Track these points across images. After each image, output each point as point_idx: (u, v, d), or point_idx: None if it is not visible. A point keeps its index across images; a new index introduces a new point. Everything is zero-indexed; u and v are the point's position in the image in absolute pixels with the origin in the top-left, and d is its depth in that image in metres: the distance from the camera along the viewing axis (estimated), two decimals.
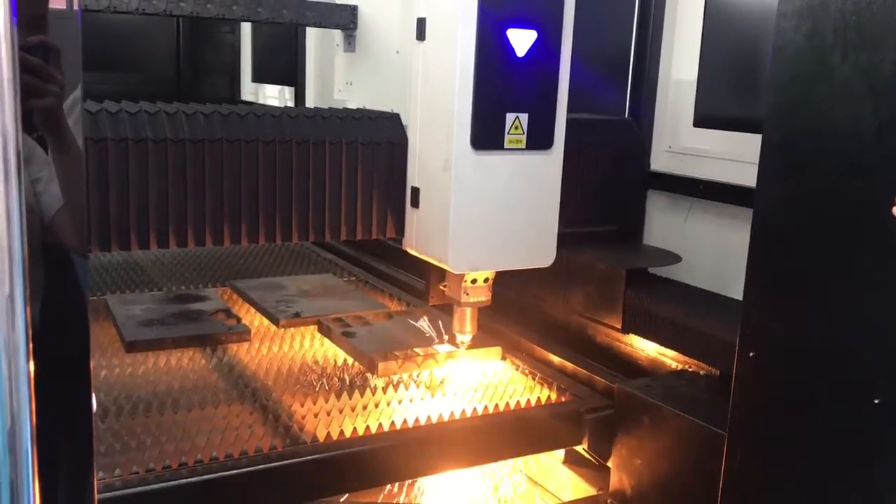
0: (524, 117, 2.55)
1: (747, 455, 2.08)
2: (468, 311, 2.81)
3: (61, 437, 1.10)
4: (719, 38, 3.28)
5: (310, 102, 6.75)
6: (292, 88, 7.09)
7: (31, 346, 0.90)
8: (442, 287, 2.81)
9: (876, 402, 1.75)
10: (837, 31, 1.80)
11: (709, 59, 3.32)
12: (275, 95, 7.65)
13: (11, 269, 0.82)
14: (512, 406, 2.69)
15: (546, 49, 2.55)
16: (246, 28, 7.69)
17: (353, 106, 2.96)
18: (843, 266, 1.83)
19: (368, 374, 2.84)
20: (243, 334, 3.11)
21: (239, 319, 3.26)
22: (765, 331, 2.02)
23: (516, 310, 3.39)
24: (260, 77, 7.91)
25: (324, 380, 2.79)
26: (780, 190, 1.97)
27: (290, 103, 7.12)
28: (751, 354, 2.04)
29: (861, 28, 1.75)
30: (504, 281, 2.82)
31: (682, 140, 3.49)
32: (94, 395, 1.15)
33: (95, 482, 1.26)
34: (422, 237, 2.67)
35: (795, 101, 1.91)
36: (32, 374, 0.93)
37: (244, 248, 4.54)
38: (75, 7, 1.04)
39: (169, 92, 7.53)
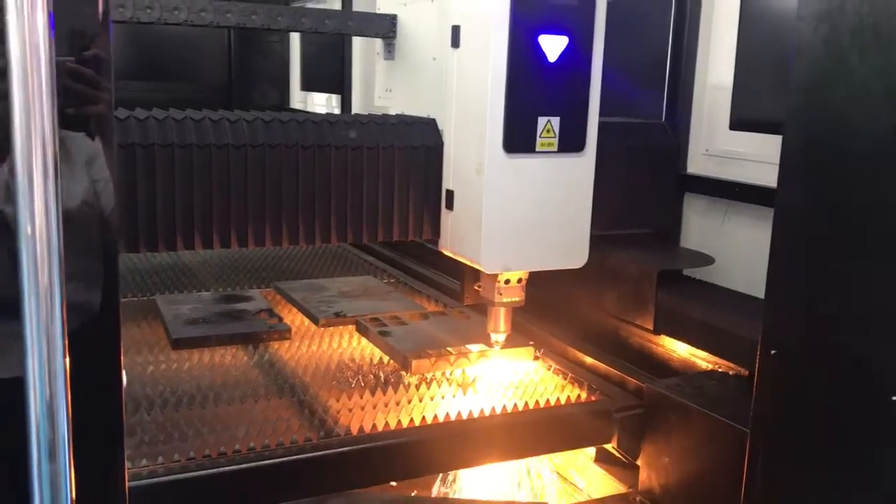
0: (556, 121, 2.61)
1: (769, 452, 2.10)
2: (502, 311, 2.88)
3: (93, 429, 1.19)
4: (754, 42, 3.29)
5: (355, 109, 6.89)
6: (339, 96, 7.26)
7: (66, 340, 0.98)
8: (476, 287, 2.88)
9: (894, 398, 1.77)
10: (855, 33, 1.83)
11: (744, 62, 3.34)
12: (322, 103, 7.83)
13: (50, 263, 0.91)
14: (542, 404, 2.74)
15: (577, 54, 2.60)
16: (294, 38, 7.87)
17: (392, 112, 3.06)
18: (862, 266, 1.85)
19: (403, 372, 2.92)
20: (284, 333, 3.22)
21: (281, 319, 3.37)
22: (786, 329, 2.05)
23: (550, 310, 3.43)
24: (308, 85, 8.10)
25: (359, 377, 2.88)
26: (800, 190, 1.99)
27: (337, 110, 7.28)
28: (773, 352, 2.06)
29: (877, 30, 1.78)
30: (537, 282, 2.88)
31: (718, 143, 3.50)
32: (123, 375, 1.25)
33: (126, 472, 1.35)
34: (456, 238, 2.75)
35: (814, 103, 1.94)
36: (69, 367, 1.01)
37: (288, 251, 4.67)
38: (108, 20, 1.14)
39: (221, 100, 7.74)
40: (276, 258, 4.56)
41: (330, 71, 7.29)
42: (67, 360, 0.96)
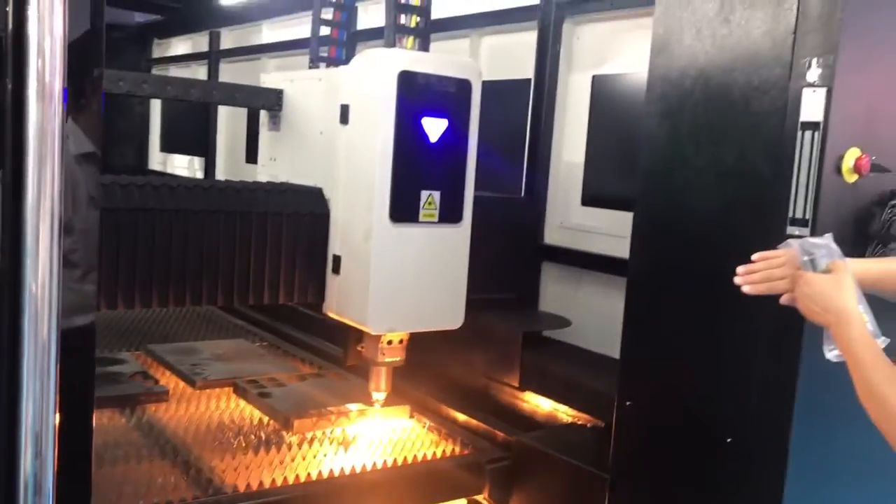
0: (437, 194, 2.86)
1: (628, 494, 2.37)
2: (384, 370, 3.04)
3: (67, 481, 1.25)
4: (603, 127, 3.70)
5: (220, 172, 6.93)
6: (202, 159, 7.26)
7: (58, 396, 1.06)
8: (359, 348, 3.03)
9: (728, 441, 2.08)
10: (691, 129, 2.19)
11: (594, 145, 3.73)
12: (184, 165, 7.79)
13: (49, 320, 1.00)
14: (419, 459, 2.91)
15: (456, 135, 2.88)
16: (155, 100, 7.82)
17: (277, 180, 3.20)
18: (703, 324, 2.17)
19: (283, 432, 3.01)
20: (161, 395, 3.23)
21: (157, 381, 3.38)
22: (638, 383, 2.35)
23: (424, 371, 3.62)
24: (169, 147, 8.04)
25: (241, 437, 2.94)
26: (648, 260, 2.32)
27: (200, 174, 7.28)
28: (627, 403, 2.35)
29: (710, 127, 2.15)
30: (412, 344, 3.06)
31: (572, 217, 3.87)
32: None
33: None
34: (342, 301, 2.90)
35: (659, 186, 2.28)
36: (58, 423, 1.09)
37: (156, 314, 4.62)
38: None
39: None
40: (145, 320, 4.51)
41: (193, 134, 7.30)
42: (58, 416, 1.05)
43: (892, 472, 2.10)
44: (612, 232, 3.55)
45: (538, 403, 3.26)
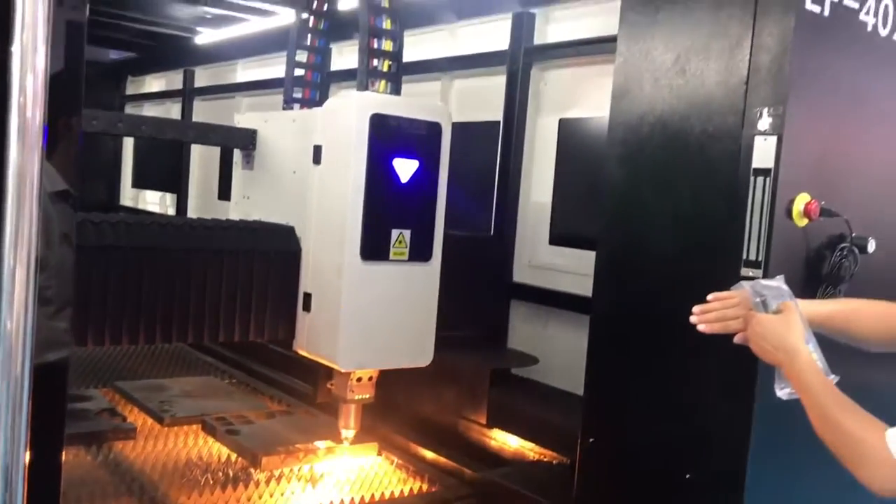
0: (407, 233, 2.92)
1: None
2: (353, 407, 3.07)
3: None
4: (569, 169, 3.80)
5: (192, 209, 6.95)
6: (174, 195, 7.28)
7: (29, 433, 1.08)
8: (329, 385, 3.06)
9: (687, 476, 2.13)
10: (650, 174, 2.28)
11: (561, 186, 3.83)
12: (155, 201, 7.79)
13: (23, 356, 1.03)
14: (387, 496, 2.92)
15: (426, 176, 2.95)
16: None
17: (250, 217, 3.25)
18: (661, 362, 2.24)
19: (251, 469, 3.01)
20: (129, 432, 3.22)
21: (124, 418, 3.37)
22: (601, 419, 2.40)
23: (393, 408, 3.65)
24: (141, 183, 8.05)
25: (208, 474, 2.94)
26: (610, 300, 2.39)
27: (172, 210, 7.29)
28: (591, 440, 2.40)
29: (667, 172, 2.23)
30: (381, 381, 3.10)
31: (540, 256, 3.95)
32: None
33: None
34: (312, 338, 2.94)
35: (620, 228, 2.36)
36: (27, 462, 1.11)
37: (124, 351, 4.60)
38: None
39: None
40: (113, 357, 4.49)
41: (165, 170, 7.32)
42: (28, 454, 1.07)
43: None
44: (578, 271, 3.62)
45: (505, 440, 3.29)
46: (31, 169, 1.00)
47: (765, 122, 2.00)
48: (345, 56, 5.05)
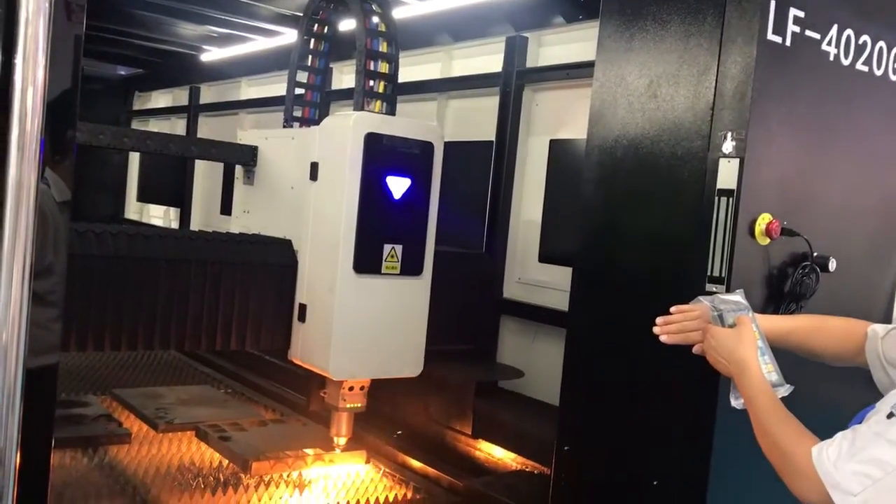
0: (399, 248, 3.04)
1: None
2: (344, 415, 3.16)
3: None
4: (559, 187, 3.90)
5: (195, 223, 7.07)
6: (178, 209, 7.40)
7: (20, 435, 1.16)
8: (322, 394, 3.16)
9: (654, 483, 2.22)
10: (623, 194, 2.38)
11: (550, 205, 3.93)
12: (160, 215, 7.92)
13: (17, 354, 1.11)
14: (373, 503, 3.01)
15: (418, 193, 3.07)
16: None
17: (250, 231, 3.36)
18: (630, 374, 2.33)
19: (242, 475, 3.10)
20: (124, 437, 3.32)
21: (120, 424, 3.46)
22: (575, 429, 2.49)
23: (381, 418, 3.74)
24: (145, 197, 8.18)
25: (199, 479, 3.03)
26: (584, 314, 2.48)
27: (175, 223, 7.41)
28: (565, 449, 2.49)
29: (639, 193, 2.34)
30: (371, 392, 3.19)
31: (530, 272, 4.04)
32: None
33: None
34: (307, 348, 3.04)
35: (595, 246, 2.46)
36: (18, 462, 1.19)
37: (122, 359, 4.71)
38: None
39: None
40: (111, 366, 4.60)
41: (169, 185, 7.45)
42: (18, 456, 1.16)
43: None
44: (566, 287, 3.69)
45: (490, 451, 3.38)
46: (28, 178, 1.10)
47: (728, 146, 2.10)
48: (346, 76, 5.18)
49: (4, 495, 1.18)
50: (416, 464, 3.43)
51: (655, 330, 1.94)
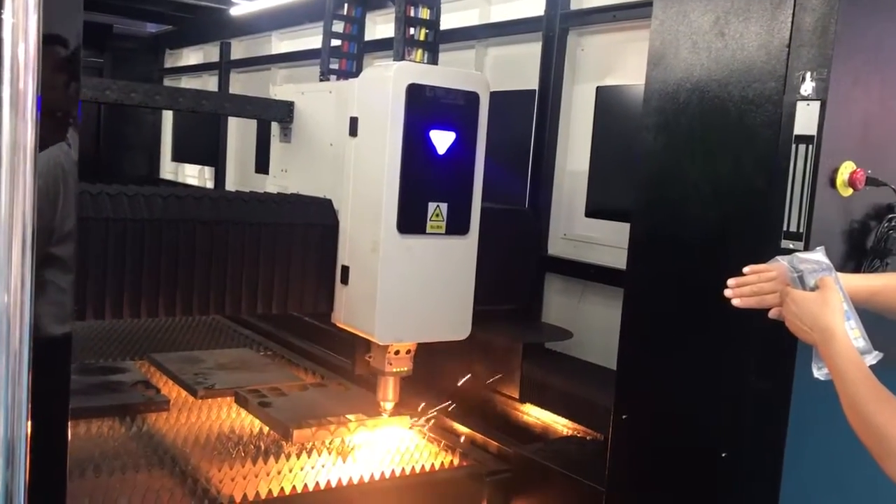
0: (444, 206, 2.88)
1: None
2: (391, 380, 3.05)
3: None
4: (606, 137, 3.70)
5: (230, 182, 6.98)
6: (212, 168, 7.31)
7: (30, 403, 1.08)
8: (367, 358, 3.05)
9: (723, 455, 2.06)
10: (687, 142, 2.18)
11: (597, 158, 3.73)
12: (194, 175, 7.85)
13: (21, 330, 1.01)
14: (417, 470, 2.90)
15: (463, 148, 2.90)
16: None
17: (287, 191, 3.22)
18: (697, 338, 2.16)
19: (283, 442, 3.02)
20: (162, 404, 3.24)
21: (158, 390, 3.39)
22: (635, 396, 2.33)
23: (426, 381, 3.62)
24: (180, 157, 8.10)
25: (240, 447, 2.95)
26: (644, 273, 2.31)
27: (210, 183, 7.33)
28: (623, 417, 2.34)
29: (705, 140, 2.14)
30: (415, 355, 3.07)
31: (575, 228, 3.86)
32: None
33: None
34: (350, 311, 2.92)
35: (655, 199, 2.28)
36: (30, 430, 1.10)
37: (160, 323, 4.65)
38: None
39: (88, 169, 7.60)
40: (149, 329, 4.54)
41: (204, 144, 7.36)
42: (29, 423, 1.06)
43: (884, 485, 2.07)
44: (614, 243, 3.54)
45: (538, 416, 3.24)
46: (24, 139, 0.97)
47: (807, 87, 1.89)
48: (380, 26, 4.98)
49: (15, 464, 1.09)
50: (462, 429, 3.31)
51: (727, 293, 1.78)
